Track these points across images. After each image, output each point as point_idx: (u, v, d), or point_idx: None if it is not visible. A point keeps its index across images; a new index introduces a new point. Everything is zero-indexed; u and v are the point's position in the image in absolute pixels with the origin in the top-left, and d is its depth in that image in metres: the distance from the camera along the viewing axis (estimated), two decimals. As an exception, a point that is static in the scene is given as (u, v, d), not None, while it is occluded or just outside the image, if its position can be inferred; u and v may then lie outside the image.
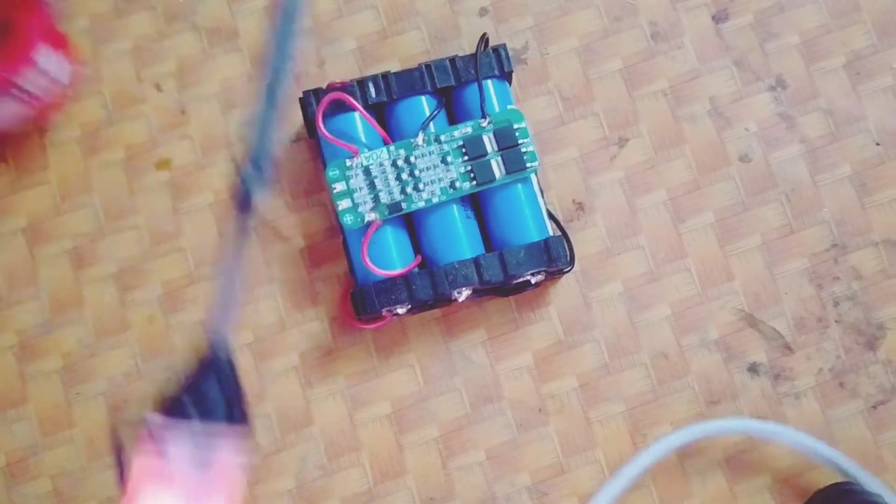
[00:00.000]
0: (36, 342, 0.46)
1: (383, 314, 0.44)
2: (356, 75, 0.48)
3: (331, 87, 0.45)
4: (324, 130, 0.43)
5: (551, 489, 0.45)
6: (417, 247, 0.45)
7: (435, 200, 0.43)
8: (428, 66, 0.45)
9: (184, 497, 0.33)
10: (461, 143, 0.44)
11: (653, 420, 0.45)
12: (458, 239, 0.44)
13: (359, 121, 0.45)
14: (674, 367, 0.46)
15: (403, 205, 0.43)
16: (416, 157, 0.44)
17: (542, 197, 0.45)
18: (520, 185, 0.44)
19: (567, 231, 0.46)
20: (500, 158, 0.44)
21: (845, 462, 0.43)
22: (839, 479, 0.44)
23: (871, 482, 0.43)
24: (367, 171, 0.43)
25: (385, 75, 0.45)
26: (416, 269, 0.44)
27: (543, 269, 0.43)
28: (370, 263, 0.43)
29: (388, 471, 0.45)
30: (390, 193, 0.43)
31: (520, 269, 0.43)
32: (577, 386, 0.46)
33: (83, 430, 0.45)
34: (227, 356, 0.30)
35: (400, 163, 0.43)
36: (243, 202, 0.33)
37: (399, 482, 0.45)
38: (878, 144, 0.48)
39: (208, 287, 0.47)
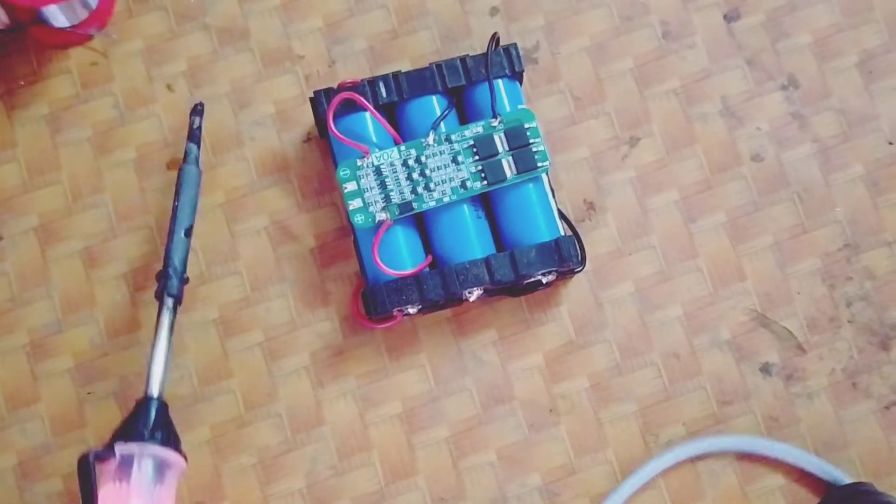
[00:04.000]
0: (48, 342, 0.46)
1: (394, 314, 0.44)
2: (367, 75, 0.48)
3: (341, 87, 0.45)
4: (335, 130, 0.43)
5: (563, 490, 0.45)
6: (428, 247, 0.45)
7: (446, 200, 0.43)
8: (439, 65, 0.45)
9: None
10: (472, 142, 0.44)
11: (664, 420, 0.45)
12: (469, 239, 0.44)
13: (369, 120, 0.44)
14: (685, 368, 0.46)
15: (414, 204, 0.43)
16: (426, 157, 0.43)
17: (553, 196, 0.45)
18: (531, 185, 0.44)
19: (578, 231, 0.46)
20: (510, 158, 0.44)
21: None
22: (852, 479, 0.44)
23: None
24: (377, 171, 0.43)
25: (396, 75, 0.45)
26: (427, 269, 0.44)
27: (554, 268, 0.43)
28: (381, 263, 0.43)
29: (399, 471, 0.45)
30: (401, 193, 0.43)
31: (531, 268, 0.43)
32: (588, 386, 0.46)
33: (94, 429, 0.45)
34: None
35: (411, 162, 0.43)
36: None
37: (410, 482, 0.45)
38: (890, 144, 0.48)
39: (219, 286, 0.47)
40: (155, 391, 0.42)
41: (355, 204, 0.43)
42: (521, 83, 0.46)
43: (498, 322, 0.46)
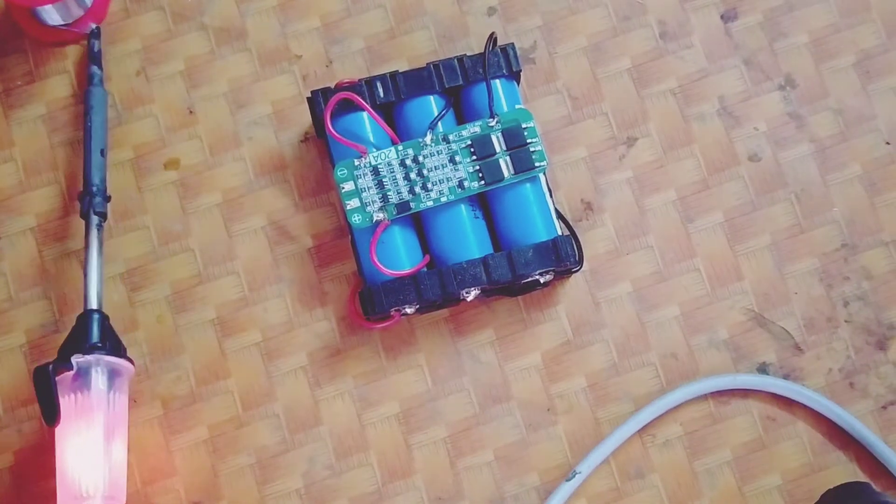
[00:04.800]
0: (45, 342, 0.46)
1: (391, 314, 0.44)
2: (364, 75, 0.48)
3: (339, 87, 0.45)
4: (332, 130, 0.43)
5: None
6: (426, 246, 0.45)
7: (443, 200, 0.43)
8: (436, 65, 0.45)
9: (104, 426, 0.42)
10: (469, 142, 0.44)
11: (661, 420, 0.45)
12: (467, 238, 0.44)
13: (367, 120, 0.44)
14: (683, 368, 0.46)
15: (412, 204, 0.43)
16: (424, 157, 0.44)
17: (551, 196, 0.45)
18: (528, 185, 0.44)
19: (576, 231, 0.46)
20: (508, 158, 0.44)
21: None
22: (849, 479, 0.44)
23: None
24: (375, 171, 0.43)
25: (393, 75, 0.45)
26: (425, 269, 0.44)
27: (552, 268, 0.43)
28: (378, 263, 0.43)
29: (397, 471, 0.45)
30: (399, 193, 0.43)
31: (528, 268, 0.43)
32: (585, 386, 0.46)
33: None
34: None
35: (408, 162, 0.43)
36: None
37: (407, 482, 0.45)
38: (888, 144, 0.48)
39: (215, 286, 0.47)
40: (94, 304, 0.44)
41: (353, 204, 0.43)
42: (518, 83, 0.47)
43: (495, 322, 0.46)
